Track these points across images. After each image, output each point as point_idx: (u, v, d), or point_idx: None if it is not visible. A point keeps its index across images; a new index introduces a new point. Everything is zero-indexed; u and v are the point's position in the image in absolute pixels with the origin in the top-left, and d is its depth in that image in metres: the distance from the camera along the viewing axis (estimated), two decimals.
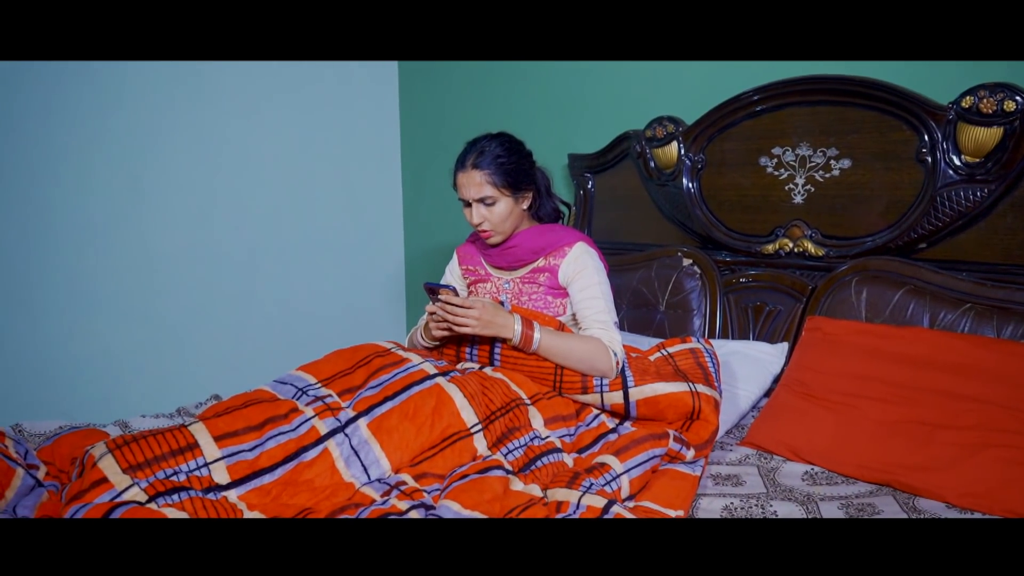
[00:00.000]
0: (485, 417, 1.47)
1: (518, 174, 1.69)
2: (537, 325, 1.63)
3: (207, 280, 2.91)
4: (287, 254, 3.12)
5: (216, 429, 1.33)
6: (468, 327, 1.59)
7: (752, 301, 2.14)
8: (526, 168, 1.72)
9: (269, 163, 3.01)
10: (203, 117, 2.81)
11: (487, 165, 1.66)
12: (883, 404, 1.60)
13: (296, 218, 3.12)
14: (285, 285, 3.12)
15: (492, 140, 1.69)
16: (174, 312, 2.83)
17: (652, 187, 2.40)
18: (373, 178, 3.38)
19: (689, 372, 1.70)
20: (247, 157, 2.94)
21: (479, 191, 1.67)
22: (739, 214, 2.19)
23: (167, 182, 2.76)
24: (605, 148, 2.54)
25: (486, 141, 1.69)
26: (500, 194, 1.67)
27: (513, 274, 1.80)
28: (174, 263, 2.81)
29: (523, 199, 1.73)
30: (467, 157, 1.68)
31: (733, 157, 2.18)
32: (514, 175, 1.68)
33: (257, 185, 2.99)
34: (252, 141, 2.95)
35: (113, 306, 2.69)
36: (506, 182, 1.67)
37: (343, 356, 1.63)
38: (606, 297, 1.71)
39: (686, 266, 2.24)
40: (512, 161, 1.68)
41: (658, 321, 2.25)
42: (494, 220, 1.70)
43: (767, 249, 2.13)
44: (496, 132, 1.73)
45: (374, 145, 3.36)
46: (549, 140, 2.76)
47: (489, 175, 1.66)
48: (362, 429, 1.39)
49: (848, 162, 1.97)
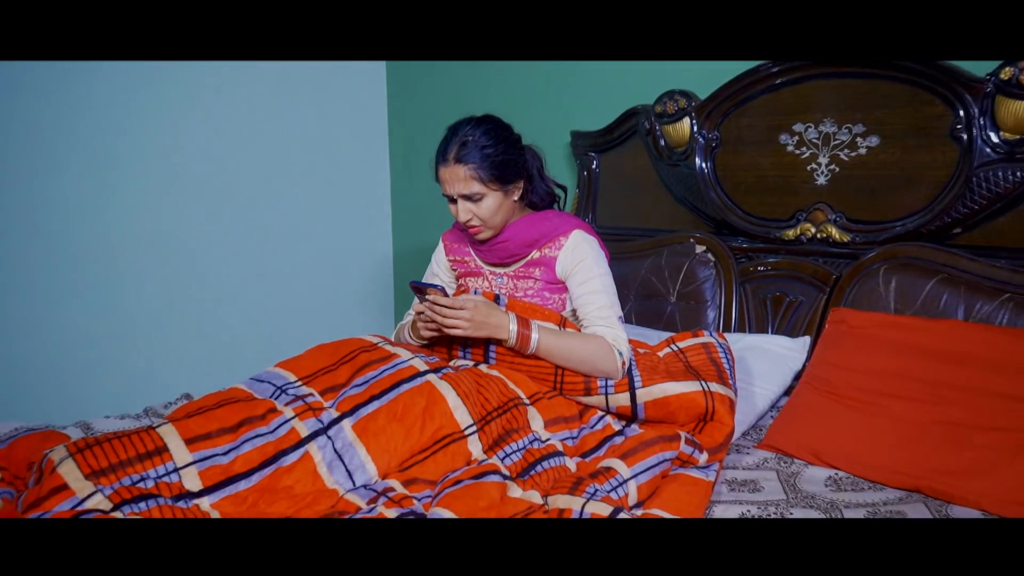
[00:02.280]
0: (480, 418, 1.47)
1: (507, 165, 1.66)
2: (535, 324, 1.63)
3: (178, 270, 2.90)
4: (267, 245, 3.10)
5: (187, 431, 1.32)
6: (459, 329, 1.59)
7: (771, 291, 2.14)
8: (514, 157, 1.69)
9: (248, 152, 3.01)
10: (174, 110, 2.82)
11: (472, 158, 1.62)
12: (914, 403, 1.60)
13: (276, 207, 3.11)
14: (264, 278, 3.12)
15: (476, 127, 1.65)
16: (142, 304, 2.83)
17: (662, 167, 2.40)
18: (359, 166, 3.36)
19: (701, 369, 1.69)
20: (222, 146, 2.94)
21: (465, 187, 1.64)
22: (757, 197, 2.19)
23: (136, 169, 2.75)
24: (611, 125, 2.53)
25: (469, 128, 1.65)
26: (488, 189, 1.65)
27: (506, 269, 1.79)
28: (142, 251, 2.80)
29: (513, 190, 1.71)
30: (449, 149, 1.65)
31: (750, 134, 2.18)
32: (502, 167, 1.65)
33: (235, 174, 2.98)
34: (226, 130, 2.94)
35: (74, 297, 2.68)
36: (494, 175, 1.64)
37: (326, 352, 1.63)
38: (608, 290, 1.71)
39: (699, 253, 2.24)
40: (499, 151, 1.64)
41: (668, 313, 2.25)
42: (483, 216, 1.67)
43: (787, 235, 2.13)
44: (479, 116, 1.70)
45: (359, 131, 3.35)
46: (549, 116, 2.75)
47: (475, 169, 1.62)
48: (346, 431, 1.39)
49: (876, 140, 1.97)
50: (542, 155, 1.83)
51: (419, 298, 1.64)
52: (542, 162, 1.82)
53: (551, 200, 1.85)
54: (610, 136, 2.54)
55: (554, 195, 1.86)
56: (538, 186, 1.81)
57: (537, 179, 1.80)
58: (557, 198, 1.87)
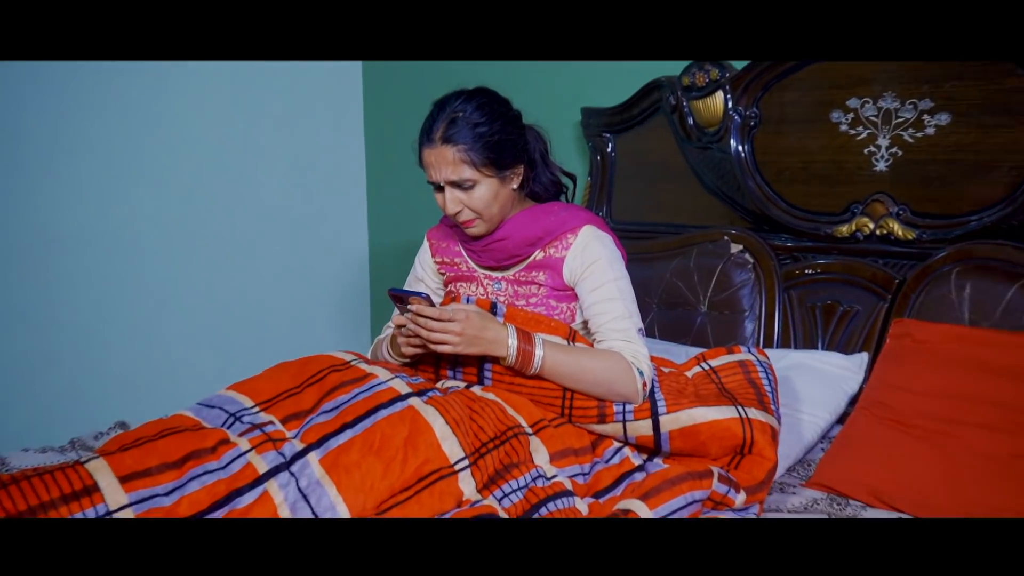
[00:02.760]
0: (474, 450, 1.47)
1: (504, 146, 1.65)
2: (539, 339, 1.63)
3: (112, 272, 2.90)
4: (218, 243, 3.13)
5: (122, 467, 1.32)
6: (448, 345, 1.58)
7: (820, 299, 2.14)
8: (513, 137, 1.68)
9: (192, 133, 3.04)
10: (129, 107, 2.89)
11: (463, 138, 1.62)
12: (995, 433, 1.60)
13: (227, 196, 3.13)
14: (215, 282, 3.13)
15: (467, 102, 1.65)
16: (68, 313, 2.82)
17: (690, 151, 2.40)
18: (329, 156, 3.39)
19: (738, 392, 1.69)
20: (161, 135, 2.99)
21: (454, 172, 1.64)
22: (804, 186, 2.19)
23: (70, 160, 2.78)
24: (629, 101, 2.53)
25: (459, 103, 1.65)
26: (481, 175, 1.64)
27: (504, 273, 1.79)
28: (68, 249, 2.81)
29: (512, 177, 1.71)
30: (434, 127, 1.64)
31: (796, 112, 2.18)
32: (499, 148, 1.64)
33: (182, 164, 3.02)
34: (163, 117, 2.99)
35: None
36: (488, 158, 1.63)
37: (289, 371, 1.63)
38: (626, 297, 1.70)
39: (735, 253, 2.24)
40: (495, 129, 1.64)
41: (698, 325, 2.25)
42: (475, 207, 1.67)
43: (840, 231, 2.14)
44: (472, 89, 1.69)
45: (329, 112, 3.36)
46: (557, 90, 2.76)
47: (465, 151, 1.62)
48: (313, 466, 1.39)
49: (947, 117, 1.97)
50: (546, 137, 1.83)
51: (399, 308, 1.64)
52: (546, 145, 1.82)
53: (557, 191, 1.85)
54: (628, 114, 2.54)
55: (561, 185, 1.86)
56: (541, 174, 1.81)
57: (540, 165, 1.80)
58: (564, 188, 1.87)
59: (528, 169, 1.76)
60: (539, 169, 1.80)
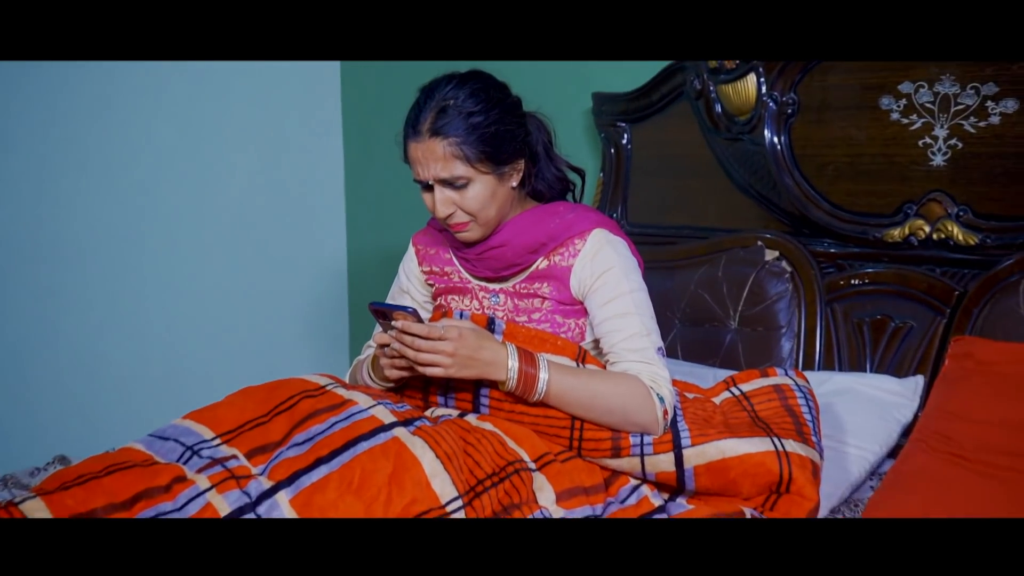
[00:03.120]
0: (468, 489, 1.47)
1: (501, 139, 1.65)
2: (544, 360, 1.62)
3: (47, 285, 2.90)
4: (174, 250, 3.15)
5: (62, 508, 1.32)
6: (439, 368, 1.57)
7: (869, 313, 2.14)
8: (512, 128, 1.68)
9: (159, 145, 3.09)
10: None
11: (454, 129, 1.62)
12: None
13: (191, 208, 3.17)
14: (170, 295, 3.15)
15: (459, 88, 1.65)
16: (1, 333, 2.82)
17: (718, 142, 2.40)
18: (302, 154, 3.40)
19: (773, 421, 1.69)
20: (126, 139, 3.03)
21: (444, 169, 1.64)
22: (849, 183, 2.19)
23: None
24: (648, 85, 2.54)
25: (450, 89, 1.65)
26: (476, 172, 1.64)
27: (503, 284, 1.79)
28: (4, 260, 2.81)
29: (511, 174, 1.71)
30: (421, 117, 1.64)
31: (840, 97, 2.19)
32: (495, 141, 1.65)
33: (139, 169, 3.05)
34: (133, 116, 3.03)
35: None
36: (484, 153, 1.64)
37: (255, 398, 1.62)
38: (643, 312, 1.70)
39: (770, 261, 2.25)
40: (492, 119, 1.64)
41: (728, 344, 2.26)
42: (470, 208, 1.67)
43: (892, 235, 2.14)
44: (464, 72, 1.70)
45: (303, 105, 3.38)
46: (563, 73, 2.76)
47: (457, 144, 1.62)
48: (283, 507, 1.39)
49: (1014, 104, 1.97)
50: (551, 126, 1.83)
51: (382, 325, 1.64)
52: (550, 136, 1.83)
53: (563, 189, 1.86)
54: (647, 100, 2.55)
55: (567, 182, 1.86)
56: (545, 169, 1.81)
57: (544, 159, 1.80)
58: (572, 186, 1.88)
59: (529, 164, 1.76)
60: (542, 164, 1.80)
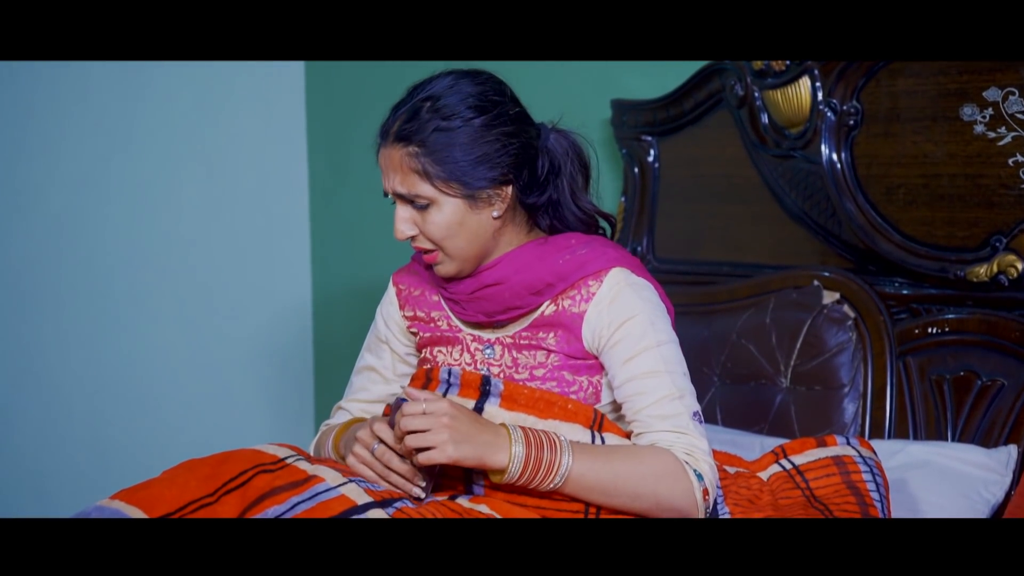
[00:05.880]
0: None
1: (481, 157, 1.63)
2: (561, 442, 1.57)
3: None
4: (105, 291, 3.14)
5: None
6: (436, 450, 1.52)
7: (950, 368, 2.11)
8: (501, 144, 1.65)
9: (90, 157, 3.17)
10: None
11: (418, 136, 1.61)
12: None
13: (124, 234, 3.18)
14: (101, 344, 3.13)
15: (447, 87, 1.66)
16: None
17: (764, 160, 2.39)
18: (258, 177, 3.45)
19: (833, 501, 1.71)
20: (50, 149, 3.12)
21: (403, 183, 1.63)
22: (925, 209, 2.17)
23: None
24: (679, 90, 2.54)
25: (436, 87, 1.66)
26: (438, 192, 1.62)
27: (499, 332, 1.76)
28: None
29: (490, 202, 1.66)
30: (393, 118, 1.66)
31: (912, 106, 2.17)
32: (469, 158, 1.63)
33: (64, 185, 3.12)
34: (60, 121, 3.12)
35: None
36: (449, 173, 1.62)
37: (198, 473, 1.59)
38: (674, 369, 1.67)
39: (829, 305, 2.23)
40: (472, 132, 1.63)
41: (778, 406, 2.24)
42: (432, 235, 1.65)
43: (977, 273, 2.10)
44: (464, 70, 1.70)
45: (259, 121, 3.44)
46: (576, 76, 2.78)
47: (416, 156, 1.61)
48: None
49: None
50: (589, 153, 1.78)
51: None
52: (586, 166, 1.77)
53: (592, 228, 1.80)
54: (678, 109, 2.54)
55: (593, 226, 1.80)
56: (567, 208, 1.75)
57: (566, 193, 1.74)
58: (601, 230, 1.83)
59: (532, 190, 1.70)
60: (563, 198, 1.74)
